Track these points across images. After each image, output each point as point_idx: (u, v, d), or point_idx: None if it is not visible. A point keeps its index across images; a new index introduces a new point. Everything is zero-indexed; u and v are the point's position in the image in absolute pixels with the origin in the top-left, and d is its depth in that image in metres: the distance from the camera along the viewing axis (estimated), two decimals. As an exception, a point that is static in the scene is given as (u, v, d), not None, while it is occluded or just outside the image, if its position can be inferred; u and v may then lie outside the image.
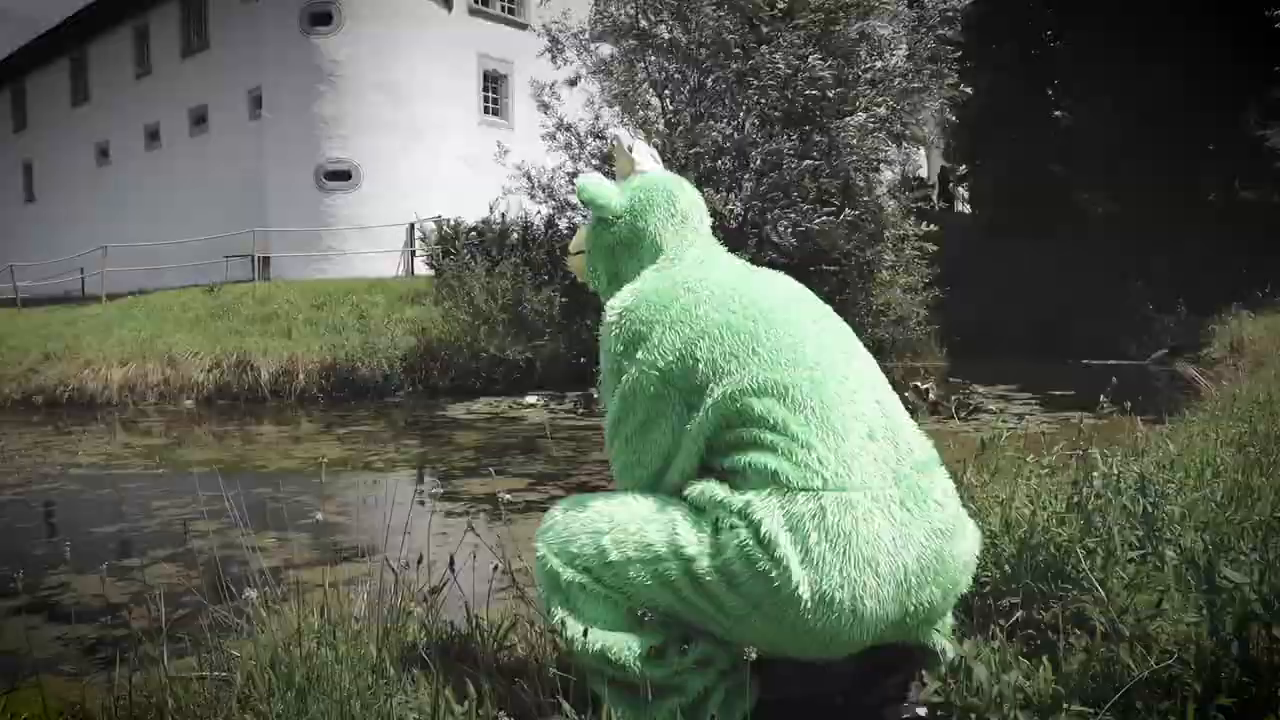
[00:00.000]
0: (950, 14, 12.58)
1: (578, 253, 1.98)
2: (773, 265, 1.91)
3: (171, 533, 4.82)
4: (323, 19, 17.06)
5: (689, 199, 1.87)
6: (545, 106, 12.37)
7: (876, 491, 1.45)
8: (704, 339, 1.56)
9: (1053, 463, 2.75)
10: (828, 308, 1.74)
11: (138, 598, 3.28)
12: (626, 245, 1.84)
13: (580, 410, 9.56)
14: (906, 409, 1.68)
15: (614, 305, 1.71)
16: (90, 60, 28.46)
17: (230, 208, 20.54)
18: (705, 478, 1.54)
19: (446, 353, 11.86)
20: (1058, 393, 10.43)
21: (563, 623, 1.54)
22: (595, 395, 9.76)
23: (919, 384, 10.22)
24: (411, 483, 6.54)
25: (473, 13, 20.57)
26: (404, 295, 13.66)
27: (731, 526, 1.44)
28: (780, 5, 11.79)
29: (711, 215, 1.96)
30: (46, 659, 2.99)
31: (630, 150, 1.97)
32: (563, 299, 11.82)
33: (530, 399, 10.44)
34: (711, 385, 1.53)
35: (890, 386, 1.65)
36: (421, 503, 5.63)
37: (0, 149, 33.90)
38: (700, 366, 1.54)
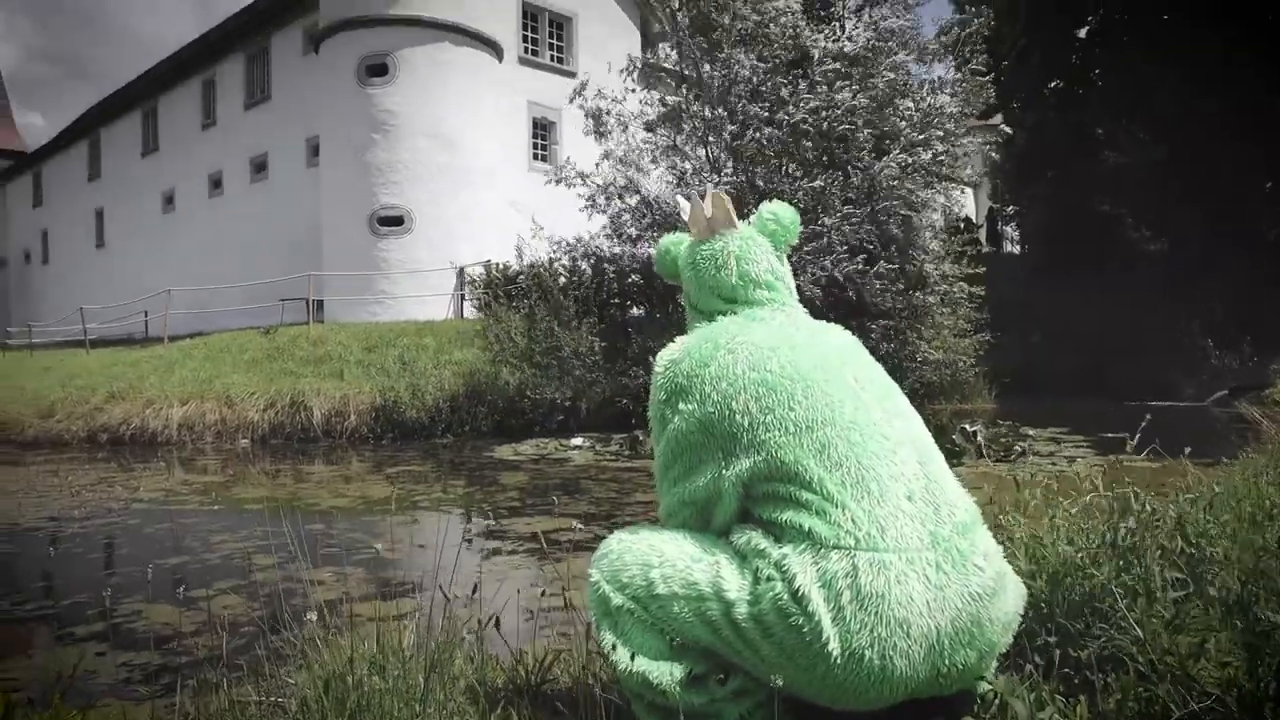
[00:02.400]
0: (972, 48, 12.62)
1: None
2: (814, 312, 1.97)
3: (232, 566, 4.97)
4: (378, 71, 17.66)
5: (752, 257, 1.93)
6: (561, 181, 12.70)
7: (912, 554, 1.47)
8: (742, 394, 1.63)
9: (1089, 502, 2.74)
10: (877, 366, 1.80)
11: (202, 627, 3.41)
12: (694, 301, 1.97)
13: (626, 453, 9.60)
14: (954, 452, 1.72)
15: (663, 357, 1.82)
16: (160, 112, 29.74)
17: (287, 252, 21.19)
18: (750, 523, 1.61)
19: (493, 395, 12.02)
20: (1110, 435, 10.23)
21: (612, 646, 1.61)
22: (640, 438, 9.81)
23: (967, 427, 10.03)
24: (459, 521, 6.64)
25: (522, 62, 21.15)
26: (453, 338, 13.90)
27: (769, 578, 1.50)
28: (812, 53, 11.99)
29: None
30: (115, 683, 3.12)
31: (706, 207, 2.03)
32: (603, 343, 11.97)
33: (576, 441, 10.52)
34: (749, 438, 1.59)
35: (936, 444, 1.69)
36: (468, 541, 5.72)
37: (75, 197, 35.46)
38: (738, 419, 1.61)
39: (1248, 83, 19.32)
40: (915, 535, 1.50)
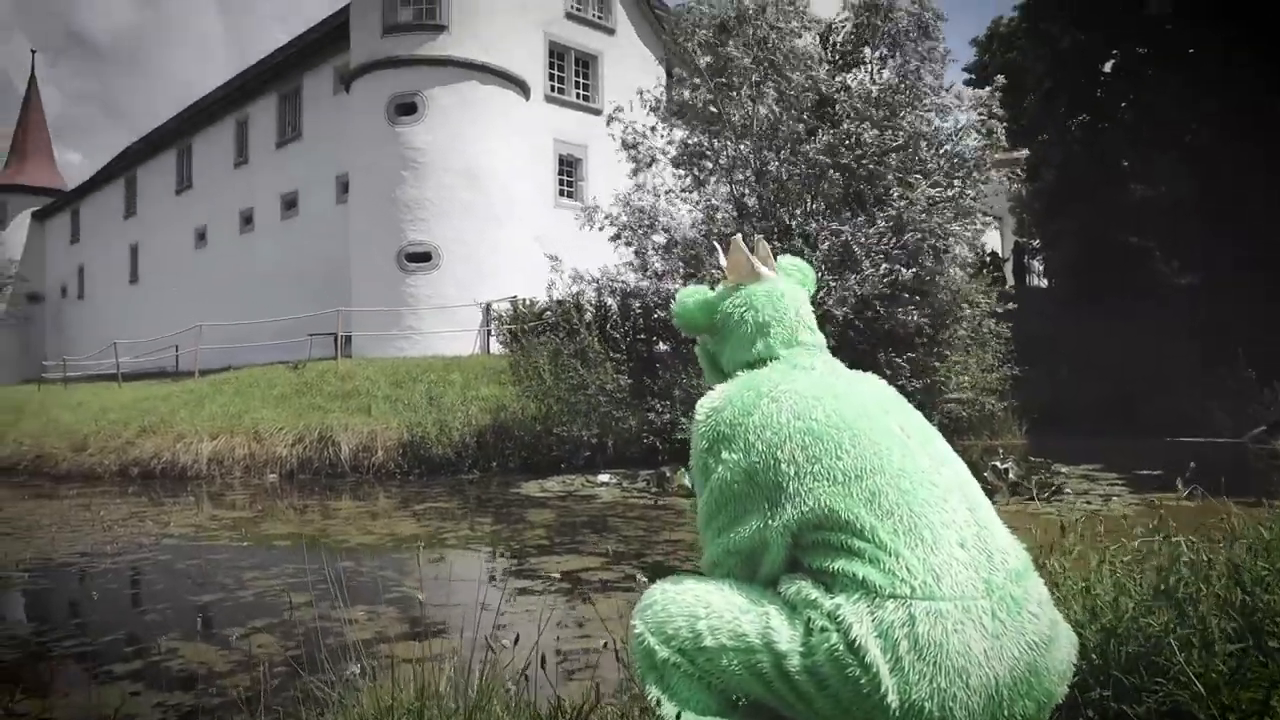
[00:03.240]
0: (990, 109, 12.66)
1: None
2: (840, 337, 1.99)
3: (264, 604, 4.97)
4: (408, 109, 17.97)
5: (787, 305, 1.93)
6: (593, 222, 12.82)
7: (968, 602, 1.45)
8: (787, 444, 1.62)
9: (1137, 548, 2.68)
10: (917, 413, 1.78)
11: (238, 667, 3.41)
12: (725, 351, 1.96)
13: (653, 490, 9.55)
14: (986, 491, 1.70)
15: (704, 405, 1.81)
16: (195, 151, 30.41)
17: (316, 288, 21.47)
18: (796, 573, 1.59)
19: (520, 431, 12.04)
20: (1145, 472, 10.06)
21: (658, 701, 1.58)
22: (667, 474, 9.77)
23: (998, 464, 9.88)
24: (487, 560, 6.62)
25: (549, 100, 21.45)
26: (479, 374, 13.97)
27: (823, 629, 1.47)
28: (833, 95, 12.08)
29: None
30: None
31: (751, 251, 2.03)
32: (629, 380, 11.97)
33: (603, 478, 10.49)
34: (796, 486, 1.58)
35: (982, 490, 1.67)
36: (497, 581, 5.70)
37: (111, 234, 36.25)
38: (784, 468, 1.60)
39: (1279, 115, 19.22)
40: (970, 583, 1.47)
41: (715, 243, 2.31)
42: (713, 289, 2.02)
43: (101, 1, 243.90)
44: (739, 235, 2.18)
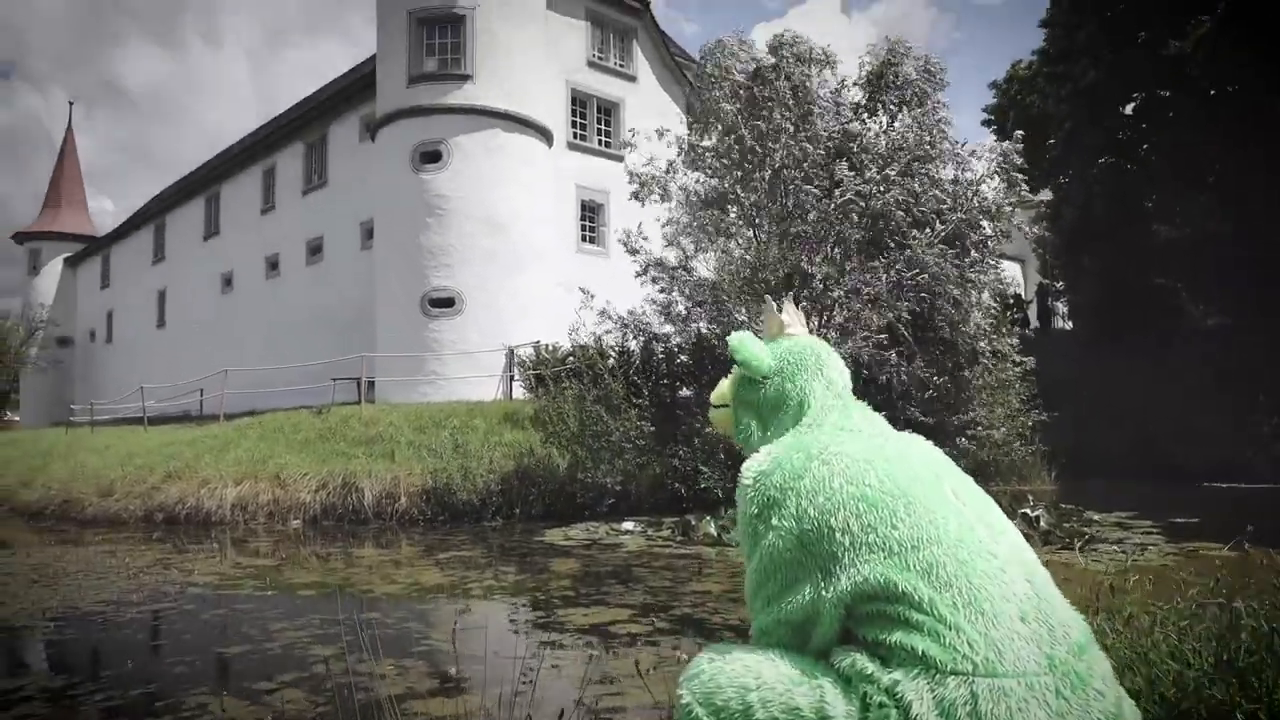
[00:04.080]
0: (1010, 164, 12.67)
1: (720, 406, 2.06)
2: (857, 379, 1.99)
3: (292, 657, 4.93)
4: (432, 157, 18.25)
5: (834, 365, 1.94)
6: (633, 251, 12.84)
7: (1031, 679, 1.41)
8: (841, 511, 1.58)
9: (1190, 609, 2.60)
10: (968, 478, 1.75)
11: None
12: (772, 404, 1.92)
13: (678, 538, 9.46)
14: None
15: (750, 469, 1.77)
16: (223, 197, 30.99)
17: (340, 332, 21.67)
18: (850, 645, 1.55)
19: (543, 477, 12.00)
20: (1180, 520, 9.86)
21: None
22: (692, 522, 9.67)
23: (1028, 511, 9.72)
24: (513, 611, 6.55)
25: (571, 147, 21.74)
26: (502, 419, 13.96)
27: (880, 705, 1.43)
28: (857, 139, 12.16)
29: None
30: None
31: (780, 313, 2.05)
32: (652, 427, 11.92)
33: (627, 525, 10.40)
34: (850, 556, 1.54)
35: (1039, 560, 1.63)
36: (520, 631, 5.63)
37: (140, 279, 36.89)
38: (838, 536, 1.56)
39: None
40: (1033, 659, 1.43)
41: (767, 300, 2.32)
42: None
43: (136, 53, 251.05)
44: (768, 297, 2.18)
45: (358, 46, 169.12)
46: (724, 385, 2.07)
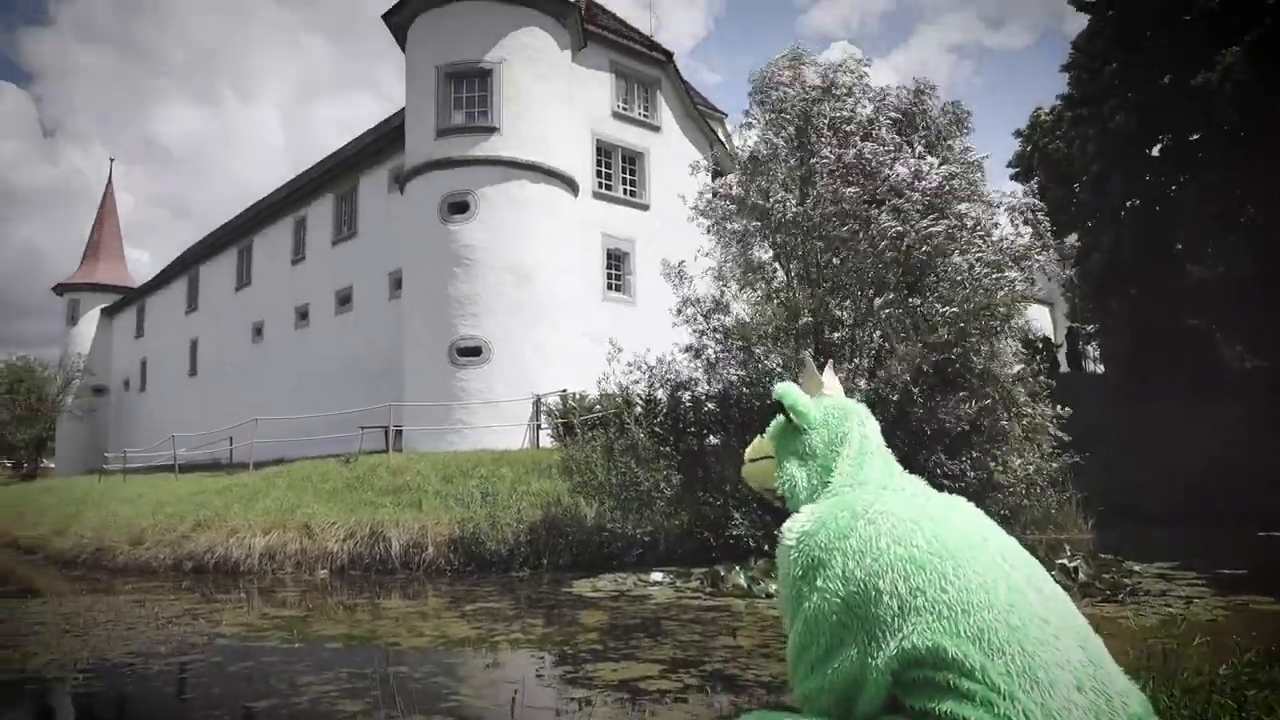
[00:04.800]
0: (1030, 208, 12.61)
1: (757, 459, 2.05)
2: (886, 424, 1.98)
3: (319, 712, 4.88)
4: (460, 208, 18.50)
5: (872, 425, 1.93)
6: (680, 278, 12.85)
7: None
8: (889, 573, 1.54)
9: (1246, 673, 2.50)
10: (1014, 540, 1.71)
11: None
12: (817, 457, 1.90)
13: (707, 589, 9.33)
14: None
15: (792, 529, 1.74)
16: (255, 249, 31.56)
17: (368, 382, 21.85)
18: (898, 715, 1.50)
19: (571, 527, 11.92)
20: (1227, 571, 9.59)
21: None
22: (721, 573, 9.55)
23: (1066, 562, 9.52)
24: (540, 665, 6.46)
25: (596, 196, 21.98)
26: (530, 469, 13.91)
27: None
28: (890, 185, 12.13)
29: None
30: None
31: (820, 372, 2.05)
32: (679, 475, 11.84)
33: (655, 576, 10.27)
34: (898, 620, 1.50)
35: (1091, 626, 1.58)
36: (549, 685, 5.55)
37: (173, 329, 37.54)
38: (885, 599, 1.52)
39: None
40: None
41: (807, 357, 2.33)
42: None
43: (174, 111, 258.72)
44: (808, 355, 2.18)
45: (387, 100, 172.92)
46: (760, 440, 2.06)
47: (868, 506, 1.69)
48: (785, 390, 1.98)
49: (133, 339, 42.57)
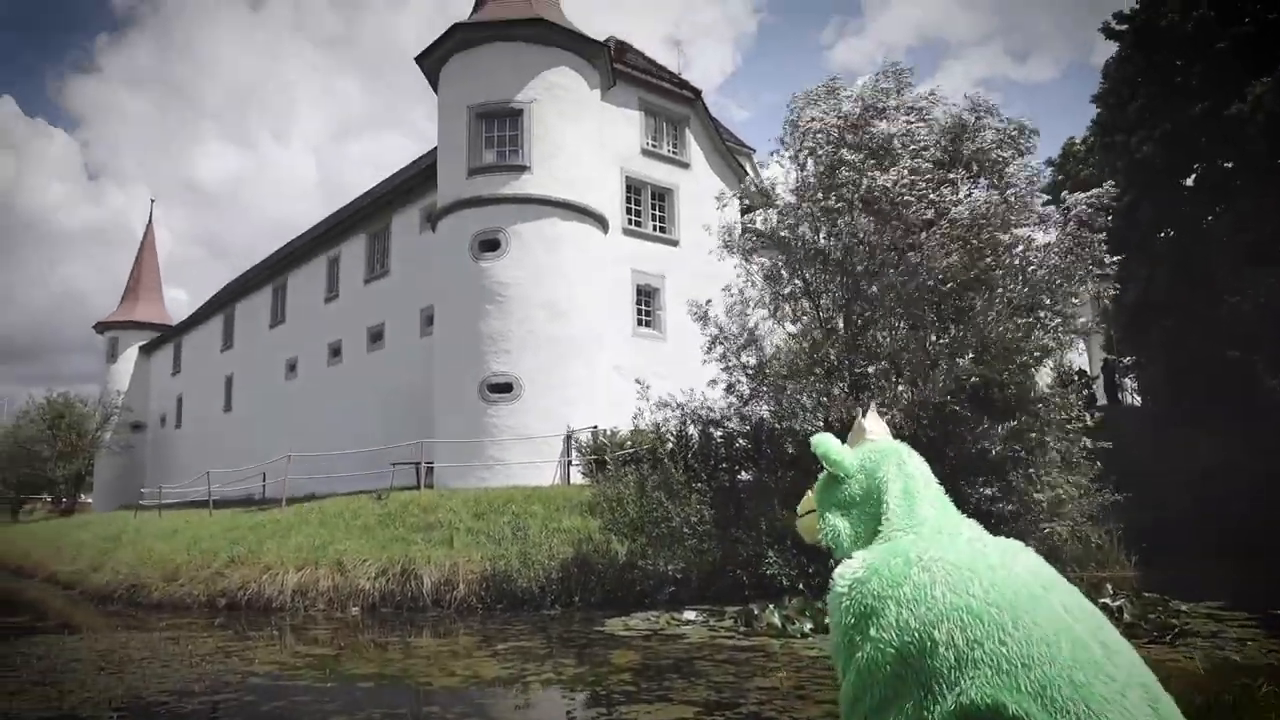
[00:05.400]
0: (1093, 209, 12.39)
1: (805, 513, 2.01)
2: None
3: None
4: (491, 246, 18.68)
5: (916, 464, 1.89)
6: (706, 317, 12.80)
7: None
8: (944, 623, 1.49)
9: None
10: (1076, 590, 1.65)
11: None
12: (858, 504, 1.86)
13: (741, 628, 9.19)
14: None
15: (844, 575, 1.69)
16: (289, 287, 32.05)
17: (400, 418, 21.98)
18: None
19: (603, 564, 11.83)
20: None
21: None
22: (755, 612, 9.41)
23: (1109, 601, 9.31)
24: (573, 707, 6.38)
25: (626, 233, 22.11)
26: (561, 505, 13.87)
27: None
28: (926, 215, 12.01)
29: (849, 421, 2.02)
30: None
31: (864, 416, 2.03)
32: (712, 511, 11.72)
33: (688, 615, 10.15)
34: (955, 674, 1.45)
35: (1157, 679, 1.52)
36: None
37: (209, 366, 38.14)
38: (941, 651, 1.47)
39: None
40: None
41: (859, 412, 2.30)
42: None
43: (212, 152, 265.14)
44: (870, 409, 2.13)
45: (419, 139, 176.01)
46: (809, 495, 2.03)
47: (921, 553, 1.65)
48: (818, 441, 1.95)
49: (169, 376, 43.27)
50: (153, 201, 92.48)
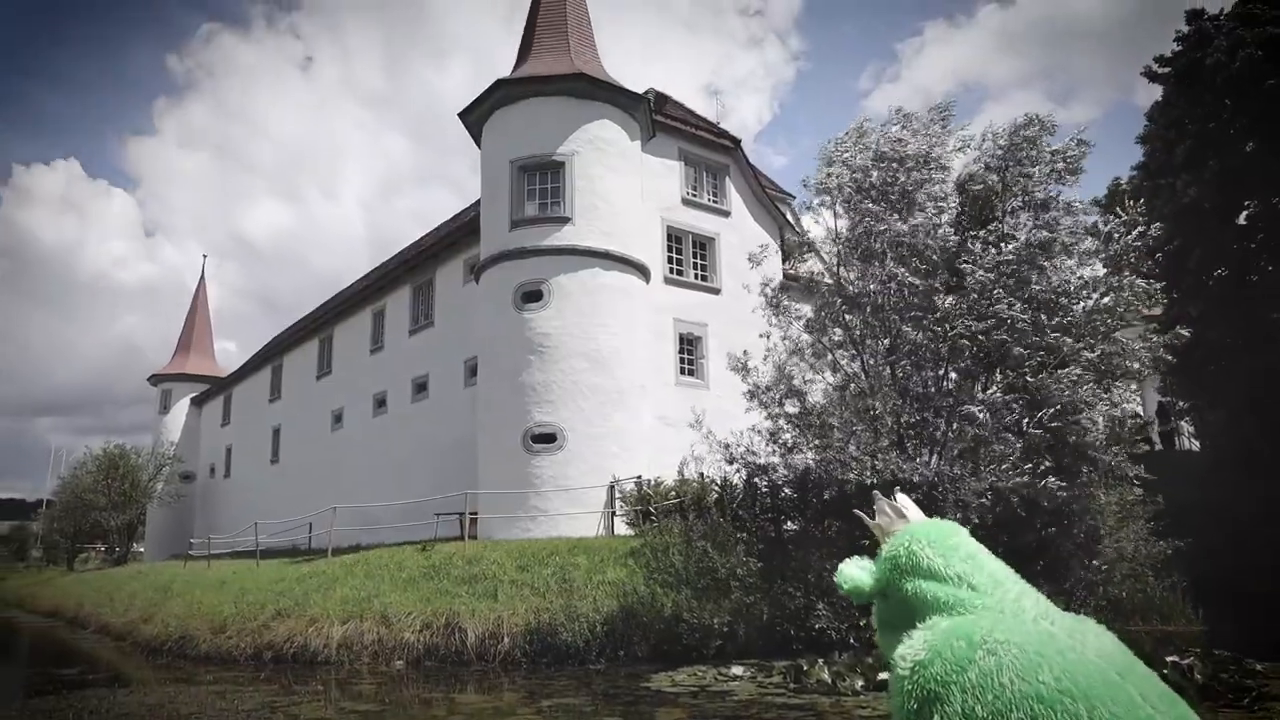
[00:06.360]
0: (1141, 242, 12.17)
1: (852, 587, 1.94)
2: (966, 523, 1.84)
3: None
4: (534, 297, 18.84)
5: (955, 542, 1.79)
6: (745, 370, 12.73)
7: None
8: (1013, 712, 1.41)
9: None
10: (1151, 674, 1.57)
11: None
12: (899, 615, 1.79)
13: (790, 685, 8.96)
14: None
15: (905, 656, 1.62)
16: (335, 339, 32.61)
17: (444, 468, 22.08)
18: None
19: (647, 617, 11.66)
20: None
21: None
22: (804, 667, 9.18)
23: (1178, 659, 8.90)
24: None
25: (668, 281, 22.20)
26: (605, 556, 13.73)
27: None
28: (963, 262, 11.91)
29: (901, 479, 1.94)
30: None
31: (889, 507, 1.94)
32: (759, 562, 11.53)
33: (735, 670, 9.93)
34: None
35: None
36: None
37: (257, 417, 38.79)
38: None
39: None
40: None
41: (861, 512, 2.21)
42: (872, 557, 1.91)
43: (263, 209, 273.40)
44: (877, 494, 2.05)
45: (461, 192, 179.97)
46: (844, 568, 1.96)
47: (987, 634, 1.56)
48: (837, 577, 1.89)
49: (219, 427, 44.06)
50: (205, 257, 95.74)
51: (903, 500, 1.98)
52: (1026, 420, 11.26)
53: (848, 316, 12.41)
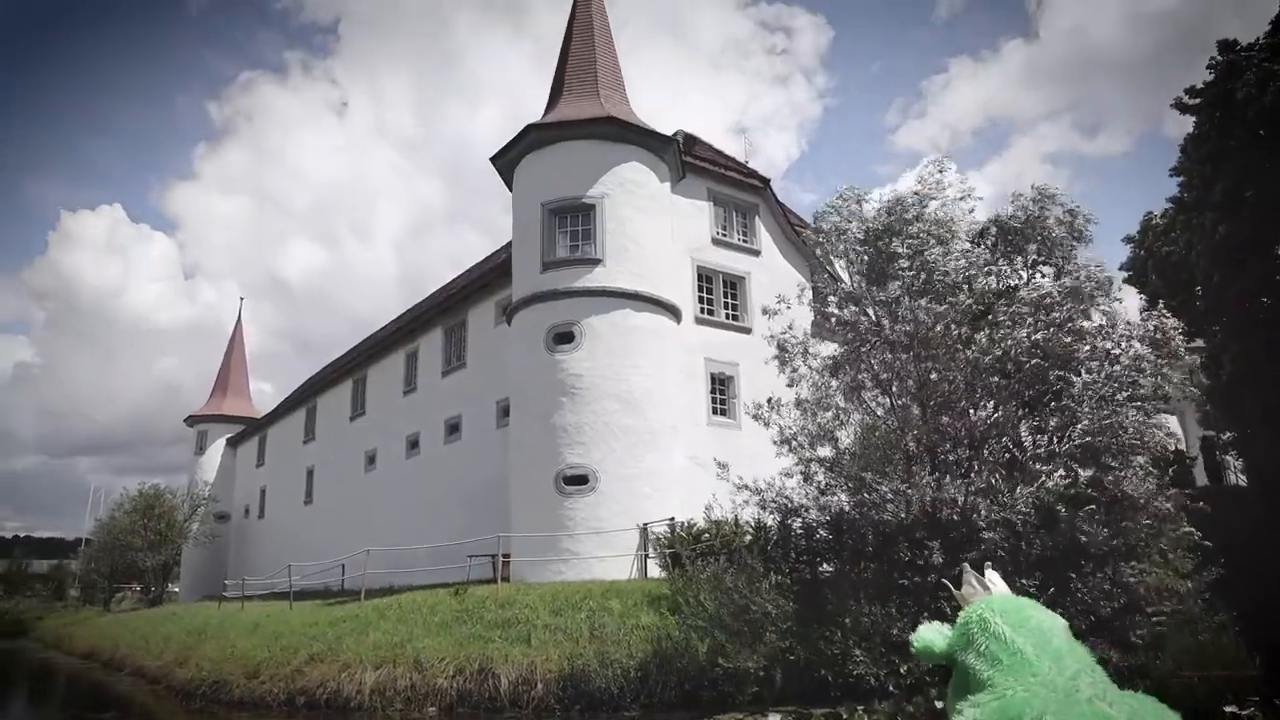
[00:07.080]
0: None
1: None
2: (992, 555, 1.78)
3: None
4: (566, 338, 18.91)
5: (1023, 616, 1.76)
6: (765, 423, 12.72)
7: None
8: None
9: None
10: None
11: None
12: (970, 681, 1.75)
13: (831, 735, 8.77)
14: None
15: (966, 714, 1.60)
16: (369, 380, 32.92)
17: (476, 510, 22.09)
18: None
19: (682, 662, 11.50)
20: None
21: None
22: (844, 716, 8.98)
23: (1236, 710, 8.59)
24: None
25: (699, 321, 22.22)
26: (639, 600, 13.58)
27: None
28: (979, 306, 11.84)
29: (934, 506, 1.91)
30: None
31: (975, 579, 1.93)
32: (794, 605, 11.34)
33: (773, 717, 9.75)
34: None
35: None
36: None
37: (291, 458, 39.14)
38: None
39: None
40: None
41: (949, 584, 2.21)
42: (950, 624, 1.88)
43: (298, 250, 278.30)
44: (966, 566, 2.03)
45: (494, 235, 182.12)
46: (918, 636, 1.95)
47: (1037, 713, 1.53)
48: (912, 639, 1.88)
49: (254, 467, 44.50)
50: (242, 299, 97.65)
51: (990, 575, 1.95)
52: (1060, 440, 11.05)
53: (874, 360, 12.33)
